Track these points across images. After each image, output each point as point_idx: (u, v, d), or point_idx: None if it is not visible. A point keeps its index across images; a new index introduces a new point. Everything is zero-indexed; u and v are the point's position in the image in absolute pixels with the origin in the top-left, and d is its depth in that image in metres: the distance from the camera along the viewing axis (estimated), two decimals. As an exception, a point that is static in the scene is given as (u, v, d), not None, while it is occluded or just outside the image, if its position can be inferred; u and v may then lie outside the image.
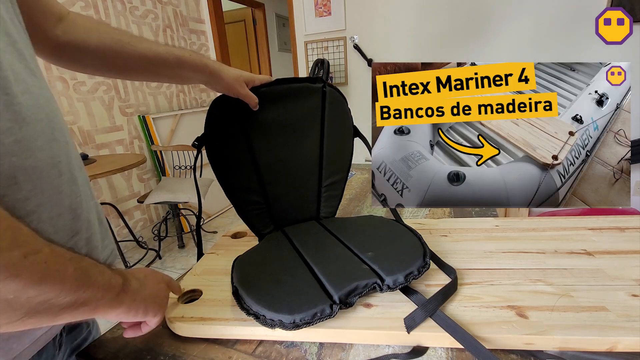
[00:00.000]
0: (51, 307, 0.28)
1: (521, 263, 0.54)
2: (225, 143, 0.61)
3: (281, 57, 4.15)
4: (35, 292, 0.26)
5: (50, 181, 0.34)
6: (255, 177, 0.64)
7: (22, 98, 0.31)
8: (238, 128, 0.62)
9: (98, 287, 0.32)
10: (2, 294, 0.24)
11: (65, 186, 0.36)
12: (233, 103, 0.60)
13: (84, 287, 0.30)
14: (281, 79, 0.63)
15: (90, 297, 0.31)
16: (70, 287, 0.29)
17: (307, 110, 0.67)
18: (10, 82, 0.30)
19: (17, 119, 0.30)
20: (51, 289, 0.27)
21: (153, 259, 2.23)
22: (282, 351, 0.42)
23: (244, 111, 0.61)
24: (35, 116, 0.32)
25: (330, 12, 2.43)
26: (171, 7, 2.57)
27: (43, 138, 0.33)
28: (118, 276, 0.36)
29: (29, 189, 0.31)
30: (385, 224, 0.63)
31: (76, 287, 0.30)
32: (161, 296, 0.43)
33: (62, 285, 0.28)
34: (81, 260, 0.32)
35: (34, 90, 0.33)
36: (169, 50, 0.53)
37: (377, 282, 0.46)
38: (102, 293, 0.33)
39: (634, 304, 0.43)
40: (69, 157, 0.38)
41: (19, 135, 0.30)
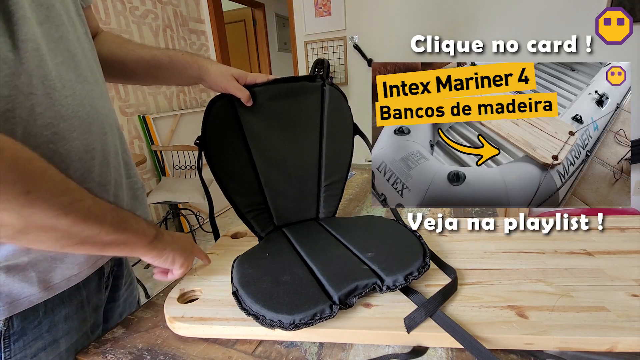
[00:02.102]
0: (96, 241, 0.37)
1: (521, 263, 0.54)
2: (222, 144, 0.61)
3: (281, 57, 4.14)
4: (80, 228, 0.34)
5: (83, 163, 0.42)
6: (254, 178, 0.64)
7: (65, 101, 0.39)
8: (235, 128, 0.61)
9: (133, 232, 0.41)
10: (58, 226, 0.33)
11: (97, 167, 0.44)
12: (229, 103, 0.60)
13: (121, 231, 0.39)
14: (279, 78, 0.62)
15: (128, 240, 0.40)
16: (109, 229, 0.37)
17: (306, 109, 0.66)
18: (55, 90, 0.38)
19: (57, 117, 0.38)
20: (93, 229, 0.35)
21: (153, 259, 2.24)
22: (282, 351, 0.42)
23: (241, 111, 0.61)
24: (75, 114, 0.40)
25: (330, 12, 2.43)
26: (171, 7, 2.57)
27: (79, 130, 0.41)
28: (152, 228, 0.45)
29: (63, 167, 0.39)
30: (385, 224, 0.63)
31: (114, 229, 0.38)
32: (187, 253, 0.50)
33: (102, 227, 0.36)
34: (121, 211, 0.40)
35: (79, 93, 0.42)
36: (163, 52, 0.58)
37: (376, 282, 0.46)
38: (137, 238, 0.42)
39: (634, 304, 0.43)
40: (104, 145, 0.45)
41: (57, 129, 0.38)
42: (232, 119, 0.61)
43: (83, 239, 0.35)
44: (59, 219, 0.32)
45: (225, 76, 0.58)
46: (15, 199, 0.29)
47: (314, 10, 2.47)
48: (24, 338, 0.41)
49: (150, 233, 0.44)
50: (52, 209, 0.31)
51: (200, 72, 0.58)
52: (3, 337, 0.39)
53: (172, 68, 0.58)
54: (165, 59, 0.58)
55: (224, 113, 0.60)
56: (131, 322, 0.49)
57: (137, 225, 0.42)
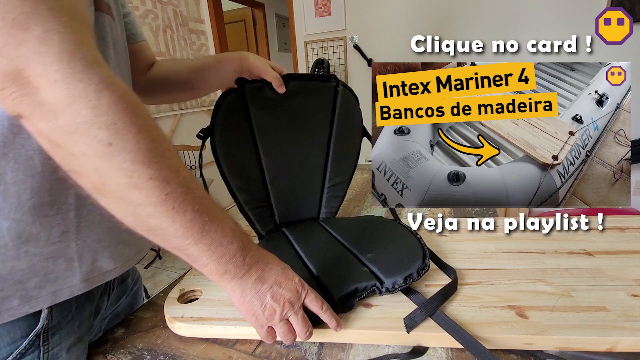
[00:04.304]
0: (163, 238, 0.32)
1: (521, 263, 0.54)
2: (230, 137, 0.60)
3: (281, 57, 4.14)
4: (149, 212, 0.30)
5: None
6: (259, 174, 0.64)
7: None
8: (244, 123, 0.61)
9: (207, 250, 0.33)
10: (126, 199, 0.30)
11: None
12: (241, 97, 0.59)
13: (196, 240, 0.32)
14: (292, 74, 0.61)
15: (201, 256, 0.33)
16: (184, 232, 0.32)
17: (317, 108, 0.65)
18: None
19: None
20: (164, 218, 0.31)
21: (153, 259, 2.23)
22: (282, 351, 0.42)
23: (252, 106, 0.61)
24: None
25: (330, 12, 2.43)
26: (171, 7, 2.57)
27: None
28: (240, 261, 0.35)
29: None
30: (385, 225, 0.63)
31: (186, 235, 0.32)
32: (293, 294, 0.38)
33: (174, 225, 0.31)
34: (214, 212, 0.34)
35: None
36: (207, 57, 0.64)
37: (376, 284, 0.46)
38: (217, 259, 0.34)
39: (634, 304, 0.43)
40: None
41: None
42: (242, 113, 0.61)
43: (151, 228, 0.32)
44: (129, 189, 0.29)
45: (263, 62, 0.60)
46: (95, 146, 0.28)
47: (314, 10, 2.47)
48: (60, 332, 0.41)
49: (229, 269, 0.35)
50: (125, 175, 0.29)
51: (242, 62, 0.61)
52: (43, 331, 0.39)
53: (219, 65, 0.62)
54: (212, 60, 0.62)
55: (234, 106, 0.60)
56: (131, 322, 0.49)
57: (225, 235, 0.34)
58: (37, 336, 0.39)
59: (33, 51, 0.26)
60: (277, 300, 0.37)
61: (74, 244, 0.40)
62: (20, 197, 0.35)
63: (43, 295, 0.38)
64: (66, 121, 0.27)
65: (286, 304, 0.37)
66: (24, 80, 0.26)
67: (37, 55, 0.26)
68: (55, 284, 0.39)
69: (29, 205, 0.35)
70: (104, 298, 0.51)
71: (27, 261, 0.37)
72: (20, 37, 0.26)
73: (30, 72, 0.26)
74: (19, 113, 0.28)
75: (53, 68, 0.26)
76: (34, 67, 0.26)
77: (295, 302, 0.38)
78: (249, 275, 0.36)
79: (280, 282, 0.38)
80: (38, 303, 0.38)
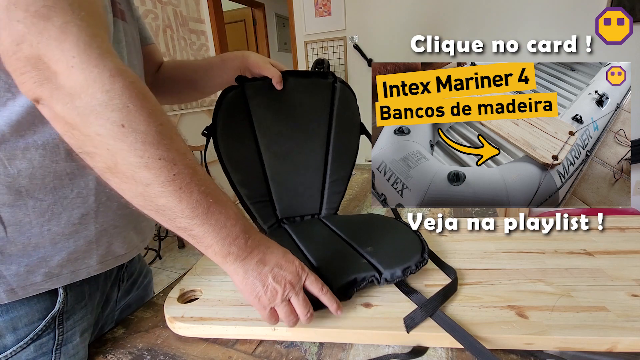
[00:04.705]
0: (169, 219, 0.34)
1: (521, 263, 0.54)
2: (231, 133, 0.61)
3: (281, 57, 4.14)
4: (156, 192, 0.32)
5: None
6: (260, 169, 0.64)
7: None
8: (245, 119, 0.62)
9: (212, 230, 0.35)
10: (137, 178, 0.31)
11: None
12: (241, 94, 0.60)
13: (201, 221, 0.34)
14: (291, 71, 0.63)
15: (205, 237, 0.35)
16: (190, 212, 0.33)
17: (316, 104, 0.66)
18: None
19: None
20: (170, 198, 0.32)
21: (153, 259, 2.23)
22: (282, 351, 0.42)
23: (252, 103, 0.62)
24: None
25: (330, 12, 2.43)
26: (171, 7, 2.57)
27: None
28: (243, 243, 0.36)
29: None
30: (385, 222, 0.64)
31: (193, 215, 0.33)
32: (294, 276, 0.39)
33: (181, 205, 0.33)
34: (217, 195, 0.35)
35: None
36: (212, 57, 0.67)
37: (375, 275, 0.47)
38: (222, 241, 0.35)
39: (634, 304, 0.43)
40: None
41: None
42: (243, 109, 0.62)
43: (158, 208, 0.33)
44: (139, 168, 0.31)
45: (263, 60, 0.62)
46: (110, 127, 0.30)
47: (314, 10, 2.47)
48: (73, 317, 0.44)
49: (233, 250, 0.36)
50: (136, 155, 0.31)
51: (244, 60, 0.62)
52: (59, 315, 0.42)
53: (223, 64, 0.64)
54: (216, 58, 0.65)
55: (235, 103, 0.61)
56: (131, 322, 0.49)
57: (229, 218, 0.36)
58: (53, 319, 0.41)
59: (54, 39, 0.28)
60: (278, 281, 0.38)
61: (92, 226, 0.43)
62: (44, 179, 0.38)
63: (64, 273, 0.41)
64: (82, 104, 0.29)
65: (287, 285, 0.39)
66: (43, 65, 0.29)
67: (57, 42, 0.28)
68: (75, 263, 0.42)
69: (51, 186, 0.39)
70: (114, 289, 0.53)
71: (49, 239, 0.40)
72: (42, 26, 0.28)
73: (50, 58, 0.28)
74: (37, 96, 0.30)
75: (71, 54, 0.29)
76: (54, 53, 0.28)
77: (295, 283, 0.39)
78: (251, 258, 0.38)
79: (281, 264, 0.39)
80: (59, 280, 0.41)
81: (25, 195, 0.37)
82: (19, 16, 0.28)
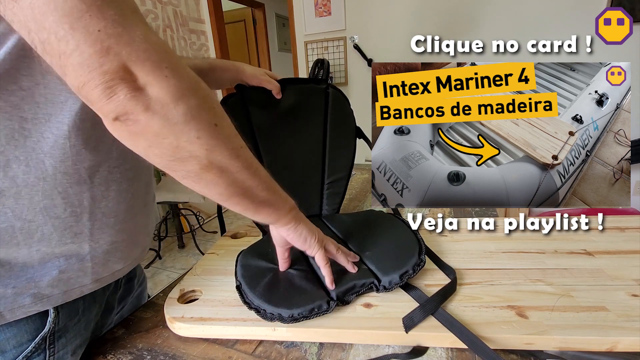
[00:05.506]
0: (254, 196, 0.38)
1: (521, 263, 0.54)
2: None
3: (281, 57, 4.14)
4: (245, 176, 0.36)
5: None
6: None
7: None
8: (245, 125, 0.64)
9: (280, 194, 0.43)
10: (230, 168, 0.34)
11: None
12: (241, 101, 0.62)
13: (272, 190, 0.41)
14: (286, 78, 0.65)
15: (276, 201, 0.42)
16: (264, 184, 0.39)
17: (312, 109, 0.68)
18: None
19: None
20: (253, 180, 0.37)
21: (153, 259, 2.23)
22: (282, 351, 0.42)
23: (252, 109, 0.64)
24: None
25: (330, 12, 2.43)
26: (171, 7, 2.57)
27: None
28: (292, 201, 0.46)
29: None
30: (384, 219, 0.65)
31: (267, 186, 0.40)
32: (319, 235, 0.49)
33: (259, 180, 0.38)
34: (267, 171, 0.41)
35: None
36: (202, 60, 0.62)
37: (373, 282, 0.48)
38: (282, 201, 0.43)
39: (634, 304, 0.43)
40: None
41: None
42: (243, 115, 0.64)
43: (246, 190, 0.37)
44: (232, 159, 0.34)
45: (260, 72, 0.63)
46: (206, 128, 0.31)
47: (314, 10, 2.47)
48: (66, 335, 0.41)
49: (291, 201, 0.45)
50: (228, 148, 0.34)
51: (238, 73, 0.62)
52: (49, 334, 0.40)
53: (211, 72, 0.61)
54: (205, 65, 0.61)
55: (235, 110, 0.63)
56: (131, 322, 0.49)
57: (282, 192, 0.43)
58: (44, 339, 0.39)
59: (142, 50, 0.27)
60: (315, 234, 0.48)
61: (87, 245, 0.40)
62: (32, 199, 0.35)
63: (55, 294, 0.39)
64: (181, 110, 0.29)
65: (320, 236, 0.49)
66: (131, 77, 0.27)
67: (147, 54, 0.27)
68: (67, 283, 0.39)
69: (40, 206, 0.36)
70: (115, 296, 0.52)
71: (38, 259, 0.37)
72: (127, 37, 0.27)
73: (140, 69, 0.27)
74: (126, 111, 0.28)
75: (163, 64, 0.28)
76: (143, 65, 0.27)
77: (324, 238, 0.49)
78: (297, 222, 0.46)
79: (313, 229, 0.48)
80: (50, 301, 0.39)
81: (12, 217, 0.35)
82: (99, 25, 0.25)
